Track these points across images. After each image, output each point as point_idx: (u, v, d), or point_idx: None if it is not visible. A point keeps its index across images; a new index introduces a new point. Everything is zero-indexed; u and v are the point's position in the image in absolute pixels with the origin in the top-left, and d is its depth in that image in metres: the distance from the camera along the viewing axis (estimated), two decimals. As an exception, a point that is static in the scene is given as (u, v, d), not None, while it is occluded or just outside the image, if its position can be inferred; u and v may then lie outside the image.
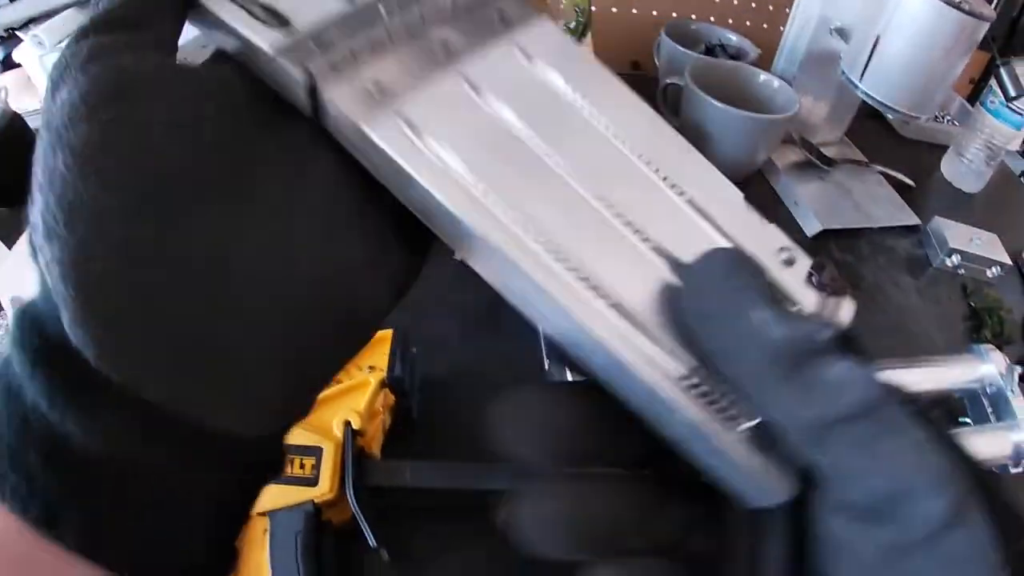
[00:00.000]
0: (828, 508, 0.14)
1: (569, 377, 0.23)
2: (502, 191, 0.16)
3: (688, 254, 0.16)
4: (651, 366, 0.14)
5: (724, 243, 0.17)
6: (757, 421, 0.15)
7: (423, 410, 0.47)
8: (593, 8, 0.65)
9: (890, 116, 0.67)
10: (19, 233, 0.51)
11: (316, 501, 0.38)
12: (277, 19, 0.18)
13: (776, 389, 0.14)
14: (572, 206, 0.17)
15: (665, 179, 0.18)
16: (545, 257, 0.15)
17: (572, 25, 0.51)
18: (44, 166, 0.14)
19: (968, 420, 0.51)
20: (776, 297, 0.15)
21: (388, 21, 0.19)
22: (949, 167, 0.80)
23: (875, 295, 0.65)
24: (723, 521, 0.16)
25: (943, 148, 0.83)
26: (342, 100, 0.16)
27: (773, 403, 0.14)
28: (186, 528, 0.15)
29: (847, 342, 0.15)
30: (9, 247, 0.51)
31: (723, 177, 0.19)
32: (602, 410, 0.16)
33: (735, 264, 0.15)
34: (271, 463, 0.17)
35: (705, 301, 0.15)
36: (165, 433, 0.14)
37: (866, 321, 0.61)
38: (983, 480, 0.14)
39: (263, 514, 0.38)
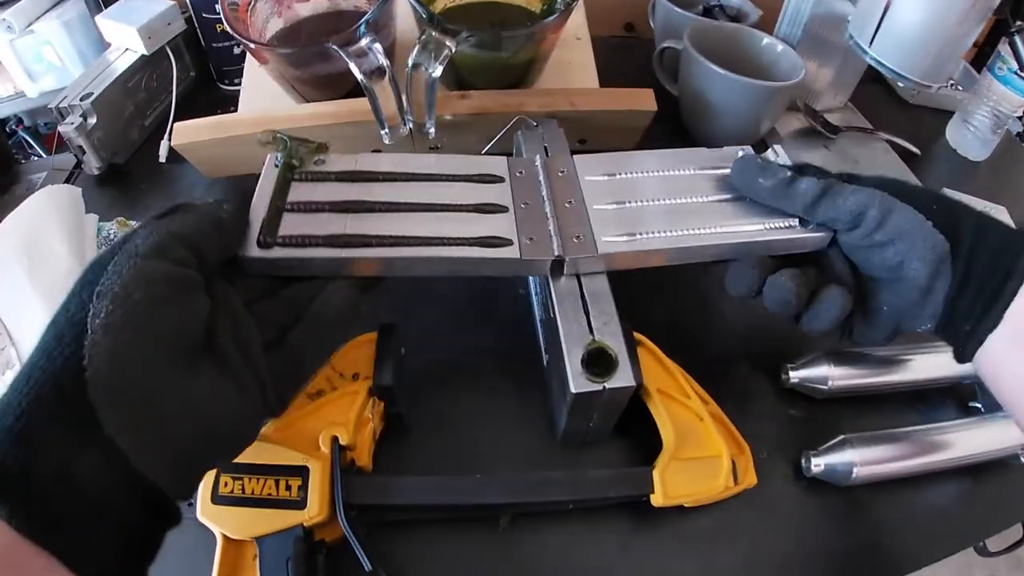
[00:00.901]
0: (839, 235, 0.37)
1: (569, 371, 0.37)
2: (664, 224, 0.38)
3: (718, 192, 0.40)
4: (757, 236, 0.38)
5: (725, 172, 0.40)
6: (796, 220, 0.38)
7: (414, 412, 0.44)
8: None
9: (901, 84, 0.63)
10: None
11: (306, 525, 0.35)
12: (493, 240, 0.36)
13: (783, 201, 0.37)
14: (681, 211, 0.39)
15: (701, 170, 0.41)
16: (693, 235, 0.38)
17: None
18: (111, 290, 0.25)
19: (979, 405, 0.49)
20: (763, 165, 0.38)
21: (538, 209, 0.38)
22: (954, 134, 0.77)
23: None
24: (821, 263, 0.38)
25: (946, 113, 0.79)
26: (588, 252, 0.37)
27: (786, 206, 0.37)
28: (105, 533, 0.24)
29: (804, 170, 0.37)
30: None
31: (704, 149, 0.42)
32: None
33: (746, 159, 0.39)
34: (169, 513, 0.27)
35: (740, 179, 0.38)
36: (113, 464, 0.24)
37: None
38: (904, 189, 0.35)
39: (252, 540, 0.35)
